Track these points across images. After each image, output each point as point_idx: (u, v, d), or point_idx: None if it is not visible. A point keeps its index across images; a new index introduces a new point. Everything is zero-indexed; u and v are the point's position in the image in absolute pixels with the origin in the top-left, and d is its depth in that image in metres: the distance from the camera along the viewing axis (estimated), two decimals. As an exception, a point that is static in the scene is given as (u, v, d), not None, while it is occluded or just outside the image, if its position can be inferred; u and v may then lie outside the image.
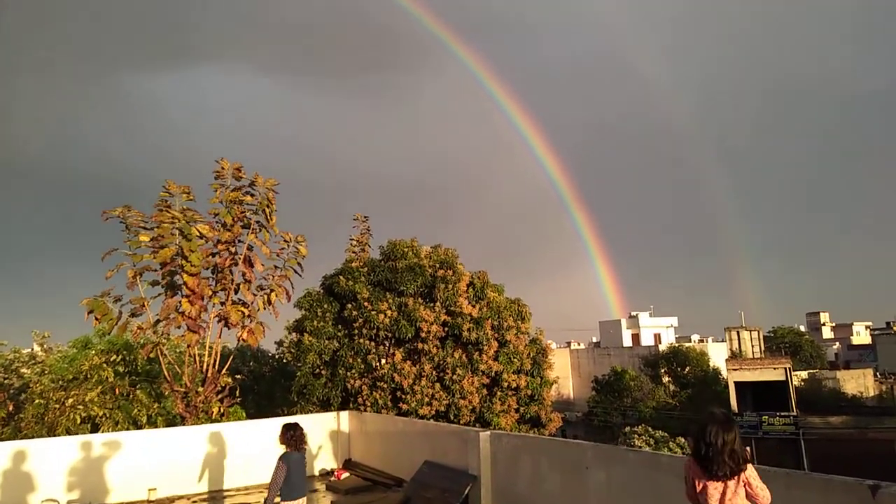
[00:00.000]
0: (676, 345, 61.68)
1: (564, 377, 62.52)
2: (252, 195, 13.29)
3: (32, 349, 21.77)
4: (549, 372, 19.58)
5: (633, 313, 76.60)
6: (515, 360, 18.11)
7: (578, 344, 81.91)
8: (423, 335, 17.57)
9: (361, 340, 17.61)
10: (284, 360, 24.25)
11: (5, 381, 19.07)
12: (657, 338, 72.96)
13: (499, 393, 17.79)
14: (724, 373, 48.60)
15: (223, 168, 12.84)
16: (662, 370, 56.09)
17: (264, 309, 13.43)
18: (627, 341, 73.01)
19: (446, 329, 17.99)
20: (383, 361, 17.77)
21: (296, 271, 14.07)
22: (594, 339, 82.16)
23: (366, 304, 17.84)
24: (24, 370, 20.13)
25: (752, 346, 51.55)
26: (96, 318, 11.38)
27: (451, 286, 18.30)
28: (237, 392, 13.81)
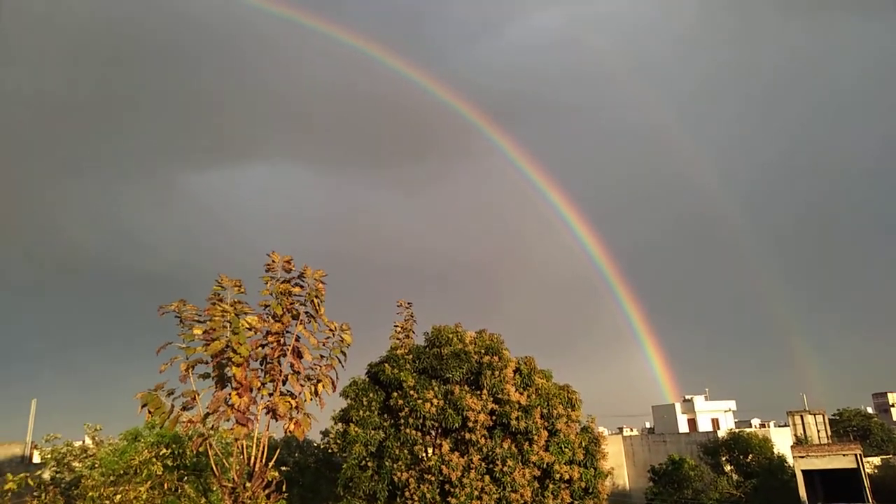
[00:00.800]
0: (736, 430, 58.46)
1: (618, 466, 59.66)
2: (301, 286, 13.55)
3: (84, 442, 22.04)
4: (603, 462, 18.74)
5: (688, 397, 73.45)
6: (567, 450, 17.44)
7: (631, 430, 78.51)
8: (470, 424, 17.17)
9: (408, 430, 17.29)
10: (330, 451, 23.90)
11: (57, 476, 19.23)
12: (715, 423, 69.39)
13: (551, 486, 17.04)
14: (790, 460, 45.60)
15: (273, 261, 13.22)
16: (723, 458, 52.91)
17: (311, 399, 13.39)
18: (683, 426, 69.63)
19: (494, 418, 17.56)
20: (430, 452, 17.34)
21: (340, 361, 14.09)
22: (647, 425, 78.69)
23: (411, 392, 17.63)
24: (75, 464, 20.30)
25: (818, 431, 48.52)
26: (149, 412, 11.50)
27: (497, 373, 18.00)
28: (283, 486, 13.60)
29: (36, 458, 22.97)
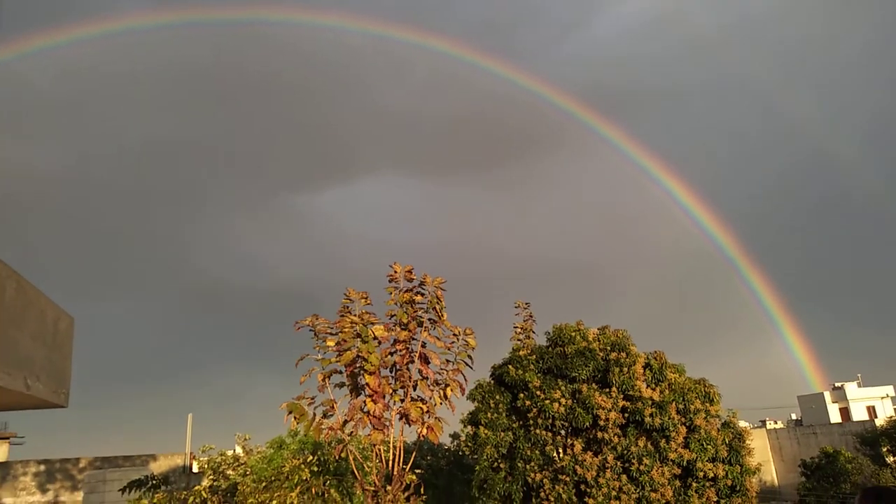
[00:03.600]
0: (897, 417, 53.05)
1: (765, 461, 55.87)
2: (422, 294, 13.88)
3: (234, 451, 23.79)
4: (749, 458, 17.63)
5: (838, 384, 67.63)
6: (709, 446, 16.57)
7: (775, 423, 73.40)
8: (601, 423, 16.77)
9: (537, 431, 17.17)
10: (461, 453, 24.23)
11: (215, 484, 20.88)
12: (871, 411, 63.41)
13: (694, 485, 16.27)
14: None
15: (396, 272, 13.65)
16: (884, 448, 48.16)
17: (441, 404, 13.67)
18: (835, 416, 64.21)
19: (626, 415, 17.04)
20: (562, 452, 17.12)
21: (467, 364, 14.28)
22: (793, 417, 73.27)
23: (538, 392, 17.50)
24: (229, 472, 21.94)
25: None
26: (295, 419, 12.24)
27: (626, 369, 17.46)
28: (421, 489, 13.97)
29: (194, 468, 25.05)
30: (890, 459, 46.97)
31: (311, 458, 15.36)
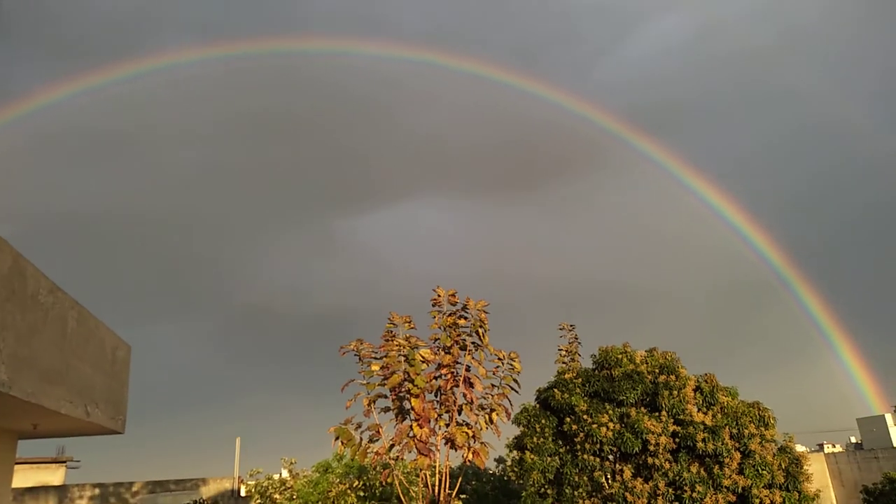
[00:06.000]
0: (967, 441, 50.15)
1: (824, 487, 53.31)
2: (465, 318, 13.83)
3: (281, 474, 23.95)
4: (807, 485, 16.91)
5: (900, 405, 64.40)
6: (765, 472, 15.96)
7: (833, 446, 70.21)
8: (651, 448, 16.33)
9: (585, 456, 16.82)
10: (506, 478, 23.89)
11: (263, 507, 21.02)
12: (937, 434, 60.10)
13: (750, 512, 15.67)
14: None
15: (439, 295, 13.66)
16: (954, 475, 45.60)
17: (486, 428, 13.52)
18: (898, 440, 61.06)
19: (677, 440, 16.56)
20: (611, 478, 16.71)
21: (513, 388, 14.12)
22: (853, 440, 69.95)
23: (585, 416, 17.17)
24: (276, 496, 22.08)
25: None
26: (342, 444, 12.27)
27: (676, 392, 17.01)
28: (468, 515, 13.79)
29: (242, 492, 25.30)
30: (961, 486, 44.39)
31: (356, 482, 15.34)
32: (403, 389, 12.75)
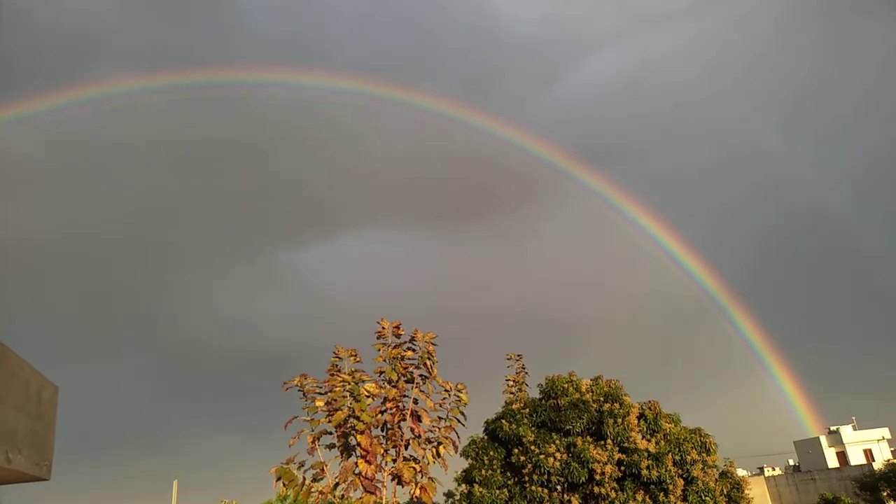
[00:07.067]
0: (895, 460, 52.54)
1: (764, 511, 54.76)
2: (413, 349, 13.75)
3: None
4: (748, 509, 17.33)
5: (833, 428, 67.07)
6: (707, 498, 16.28)
7: (773, 469, 72.33)
8: (597, 477, 16.46)
9: (533, 488, 16.80)
10: (455, 514, 23.54)
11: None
12: (868, 454, 62.75)
13: (694, 538, 15.91)
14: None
15: (384, 327, 13.54)
16: (885, 493, 47.50)
17: (434, 462, 13.37)
18: (832, 461, 63.40)
19: (622, 468, 16.75)
20: (559, 509, 16.72)
21: (460, 421, 14.04)
22: (791, 462, 72.29)
23: (532, 447, 17.20)
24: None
25: None
26: (284, 484, 11.89)
27: (620, 420, 17.26)
28: (416, 553, 13.53)
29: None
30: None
31: (300, 524, 14.83)
32: (349, 425, 12.51)
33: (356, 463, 12.28)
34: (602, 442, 17.15)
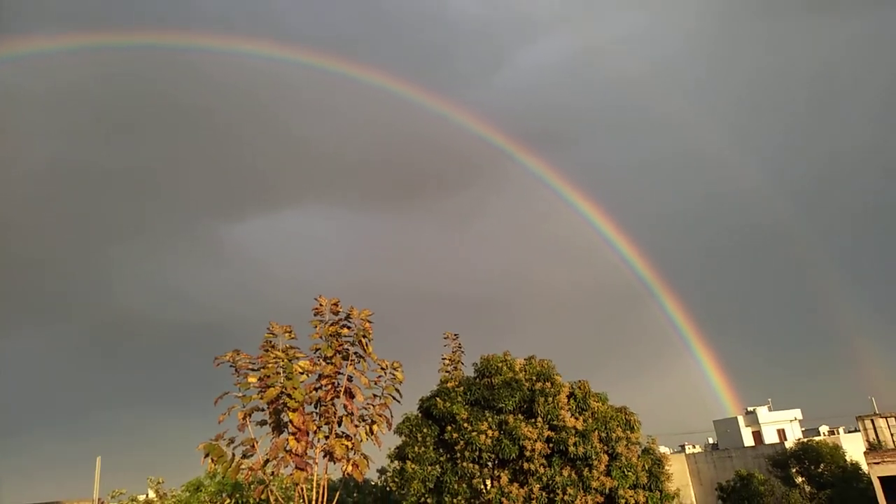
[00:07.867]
0: (804, 440, 56.10)
1: (684, 486, 57.60)
2: (349, 327, 13.68)
3: (147, 495, 22.46)
4: (668, 484, 18.20)
5: (750, 408, 70.89)
6: (630, 473, 17.00)
7: (693, 447, 76.01)
8: (527, 454, 16.92)
9: (465, 464, 17.13)
10: (388, 489, 23.79)
11: (125, 530, 19.61)
12: (781, 433, 66.70)
13: (616, 511, 16.61)
14: (865, 467, 43.41)
15: (321, 304, 13.40)
16: (793, 470, 50.78)
17: (367, 439, 13.41)
18: (748, 440, 67.09)
19: (551, 445, 17.27)
20: (489, 485, 17.12)
21: (394, 398, 14.11)
22: (710, 441, 76.12)
23: (465, 424, 17.51)
24: (141, 517, 20.69)
25: (892, 435, 46.15)
26: (212, 461, 11.70)
27: (551, 399, 17.75)
28: (346, 529, 13.60)
29: (103, 514, 23.43)
30: (799, 480, 49.50)
31: (229, 500, 14.70)
32: (281, 402, 12.39)
33: (287, 440, 12.19)
34: (533, 420, 17.62)
